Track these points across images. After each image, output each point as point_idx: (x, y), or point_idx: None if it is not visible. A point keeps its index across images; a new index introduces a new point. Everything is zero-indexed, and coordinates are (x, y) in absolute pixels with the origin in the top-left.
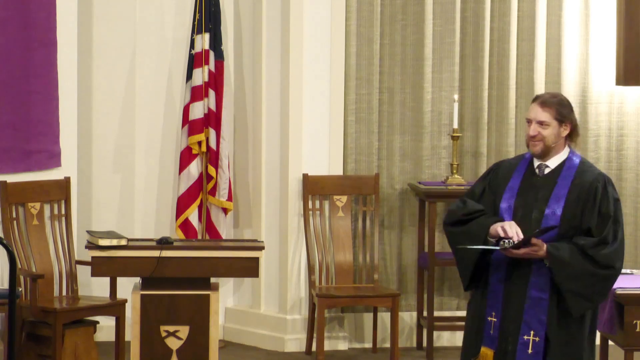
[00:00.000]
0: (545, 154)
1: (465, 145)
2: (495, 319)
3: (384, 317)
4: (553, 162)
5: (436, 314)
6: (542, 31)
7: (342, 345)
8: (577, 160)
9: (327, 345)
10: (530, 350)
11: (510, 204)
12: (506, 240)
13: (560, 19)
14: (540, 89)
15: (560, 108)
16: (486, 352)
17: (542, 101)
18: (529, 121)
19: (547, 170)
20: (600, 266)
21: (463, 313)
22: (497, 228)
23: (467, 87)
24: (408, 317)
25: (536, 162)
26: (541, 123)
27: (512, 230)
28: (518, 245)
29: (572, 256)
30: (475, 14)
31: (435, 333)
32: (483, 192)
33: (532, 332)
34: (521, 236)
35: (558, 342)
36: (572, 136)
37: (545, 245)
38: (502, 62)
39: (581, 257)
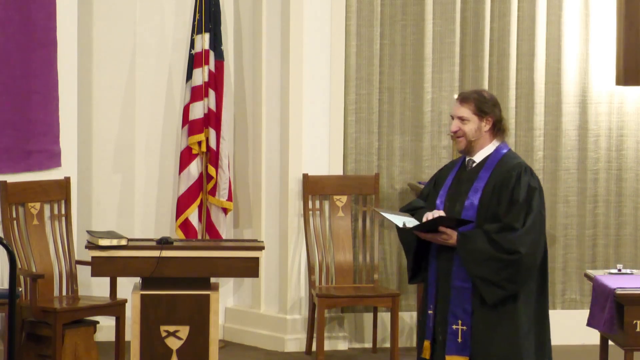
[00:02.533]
0: (470, 149)
1: None
2: (431, 312)
3: (384, 317)
4: (479, 156)
5: None
6: (542, 31)
7: (342, 345)
8: (501, 154)
9: (327, 345)
10: (460, 339)
11: (442, 200)
12: (405, 221)
13: (560, 19)
14: (540, 89)
15: (480, 103)
16: (427, 344)
17: (461, 97)
18: (452, 118)
19: (473, 165)
20: (505, 251)
21: None
22: (425, 216)
23: (467, 87)
24: (408, 317)
25: (467, 158)
26: (461, 119)
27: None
28: (425, 228)
29: (478, 242)
30: (475, 14)
31: None
32: (429, 190)
33: (459, 322)
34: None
35: (485, 329)
36: (498, 130)
37: (455, 234)
38: (502, 62)
39: (487, 242)
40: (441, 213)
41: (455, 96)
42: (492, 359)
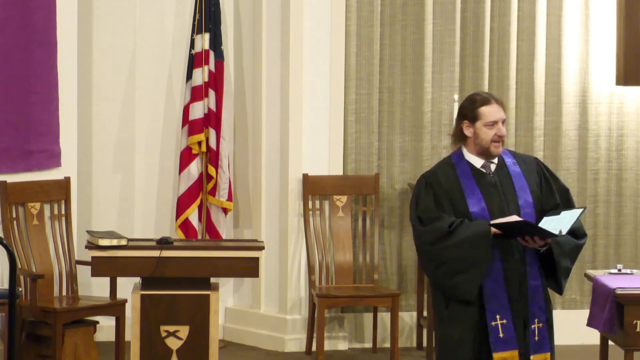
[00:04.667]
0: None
1: None
2: (504, 321)
3: (384, 317)
4: (495, 158)
5: None
6: (542, 31)
7: (342, 345)
8: (504, 151)
9: (327, 345)
10: (537, 337)
11: (482, 206)
12: (559, 230)
13: (560, 19)
14: (540, 89)
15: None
16: (503, 356)
17: (497, 100)
18: (494, 123)
19: (493, 167)
20: (582, 237)
21: None
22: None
23: (467, 87)
24: (408, 317)
25: (478, 162)
26: (503, 122)
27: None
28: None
29: (564, 235)
30: (475, 14)
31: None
32: (436, 205)
33: (536, 320)
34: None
35: (551, 323)
36: None
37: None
38: (502, 62)
39: (568, 234)
40: (514, 216)
41: (492, 101)
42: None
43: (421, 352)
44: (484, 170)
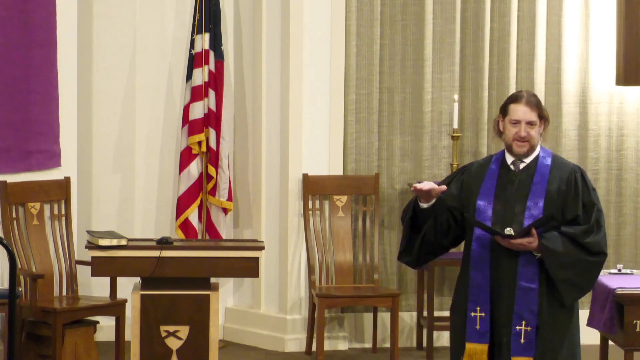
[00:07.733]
0: (529, 153)
1: (465, 145)
2: (482, 314)
3: (384, 317)
4: (528, 158)
5: (436, 314)
6: (542, 31)
7: (342, 345)
8: (549, 154)
9: (327, 345)
10: (522, 340)
11: (489, 200)
12: (508, 228)
13: (560, 19)
14: (540, 89)
15: (540, 107)
16: (474, 348)
17: (527, 101)
18: (517, 122)
19: (522, 165)
20: (592, 253)
21: None
22: (416, 187)
23: (467, 87)
24: (408, 317)
25: (509, 159)
26: (530, 123)
27: (426, 184)
28: (515, 236)
29: (563, 246)
30: (475, 14)
31: (435, 333)
32: (460, 189)
33: (523, 322)
34: (434, 187)
35: (548, 330)
36: (545, 131)
37: (536, 238)
38: (502, 62)
39: (572, 245)
40: (427, 182)
41: (522, 100)
42: (561, 358)
43: (421, 352)
44: (512, 167)
